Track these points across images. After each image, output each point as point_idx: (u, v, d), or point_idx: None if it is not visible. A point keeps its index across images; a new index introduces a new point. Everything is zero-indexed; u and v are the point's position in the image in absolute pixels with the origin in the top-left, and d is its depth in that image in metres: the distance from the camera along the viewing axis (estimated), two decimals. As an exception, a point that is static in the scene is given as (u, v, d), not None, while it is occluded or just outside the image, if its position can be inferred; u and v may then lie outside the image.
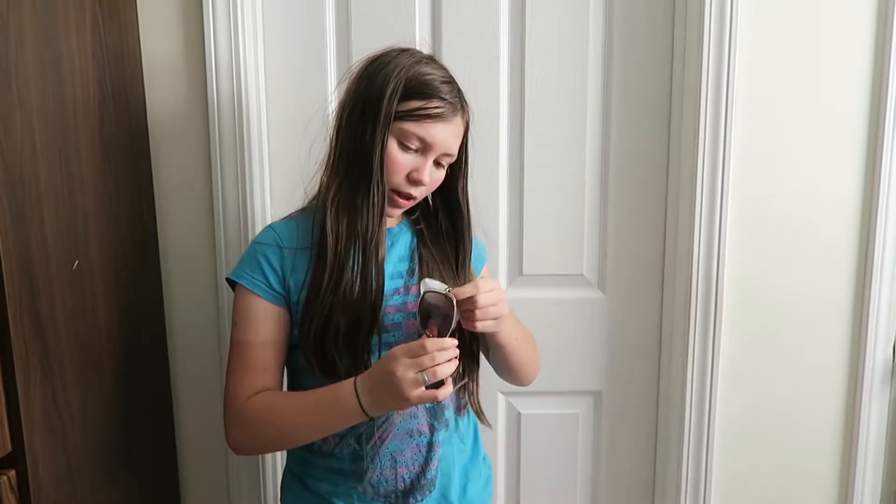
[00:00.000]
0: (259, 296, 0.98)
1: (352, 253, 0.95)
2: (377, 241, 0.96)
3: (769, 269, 1.36)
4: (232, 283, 1.01)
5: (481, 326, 0.94)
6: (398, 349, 0.87)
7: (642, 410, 1.50)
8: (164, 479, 1.36)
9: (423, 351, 0.85)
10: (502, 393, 1.47)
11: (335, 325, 0.95)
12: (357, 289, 0.95)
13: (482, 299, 0.91)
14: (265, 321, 0.98)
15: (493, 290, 0.93)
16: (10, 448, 0.86)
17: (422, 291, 0.92)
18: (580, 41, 1.34)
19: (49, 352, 0.94)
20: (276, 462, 1.41)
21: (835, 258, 1.36)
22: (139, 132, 1.25)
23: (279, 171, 1.35)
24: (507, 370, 1.11)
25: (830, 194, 1.34)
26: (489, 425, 1.14)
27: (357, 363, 0.96)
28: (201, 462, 1.41)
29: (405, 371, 0.85)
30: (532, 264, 1.42)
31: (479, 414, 1.12)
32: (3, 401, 0.85)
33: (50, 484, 0.93)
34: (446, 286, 0.92)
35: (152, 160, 1.29)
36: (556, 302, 1.44)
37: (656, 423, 1.50)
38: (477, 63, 1.34)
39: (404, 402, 0.86)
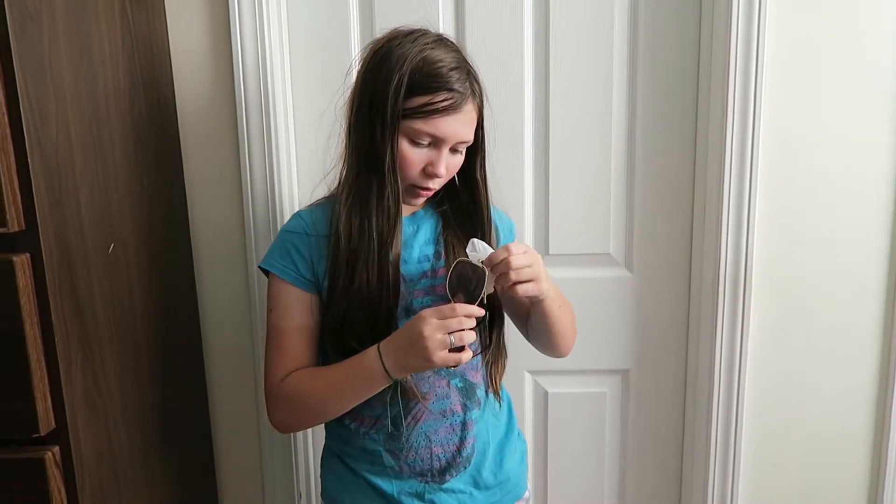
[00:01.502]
0: (290, 283, 0.99)
1: (365, 254, 0.96)
2: (392, 241, 0.96)
3: (799, 244, 1.34)
4: (264, 271, 1.03)
5: (522, 290, 0.92)
6: (427, 311, 0.89)
7: (670, 389, 1.49)
8: (200, 455, 1.40)
9: (454, 313, 0.87)
10: (529, 372, 1.48)
11: (350, 322, 0.97)
12: (373, 290, 0.96)
13: (515, 260, 0.90)
14: (297, 307, 1.00)
15: (525, 251, 0.92)
16: (53, 425, 0.90)
17: (468, 253, 0.93)
18: (605, 14, 1.32)
19: (88, 333, 0.97)
20: (307, 436, 1.45)
21: (867, 232, 1.33)
22: (168, 118, 1.27)
23: (306, 154, 1.36)
24: (547, 340, 1.09)
25: (862, 169, 1.31)
26: (499, 402, 1.14)
27: None
28: (235, 437, 1.45)
29: (433, 332, 0.86)
30: (558, 244, 1.42)
31: (496, 393, 1.12)
32: (47, 380, 0.88)
33: (92, 460, 0.97)
34: (480, 256, 0.92)
35: (182, 145, 1.31)
36: (583, 281, 1.43)
37: (684, 402, 1.50)
38: (500, 39, 1.33)
39: (427, 362, 0.88)
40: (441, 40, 0.96)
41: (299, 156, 1.36)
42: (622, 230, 1.42)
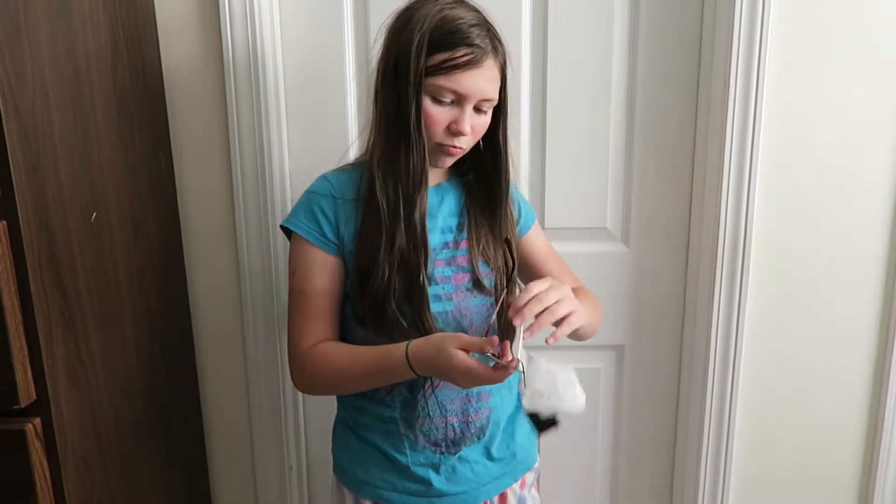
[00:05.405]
0: (314, 245, 0.99)
1: (401, 214, 0.96)
2: (417, 198, 0.97)
3: (799, 222, 1.32)
4: (287, 231, 1.02)
5: (568, 327, 0.94)
6: (460, 361, 0.88)
7: (665, 365, 1.48)
8: (189, 428, 1.39)
9: (486, 373, 0.90)
10: (523, 346, 1.46)
11: (392, 287, 0.97)
12: (405, 251, 0.97)
13: (532, 308, 0.91)
14: (321, 270, 1.00)
15: (549, 287, 0.91)
16: (34, 397, 0.88)
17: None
18: (607, -17, 1.28)
19: (70, 303, 0.94)
20: (297, 408, 1.44)
21: (868, 212, 1.31)
22: (154, 82, 1.23)
23: (296, 119, 1.33)
24: (576, 336, 1.10)
25: (865, 148, 1.28)
26: (524, 385, 1.13)
27: (417, 319, 0.98)
28: (225, 410, 1.44)
29: (469, 383, 0.90)
30: (554, 217, 1.39)
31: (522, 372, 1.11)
32: (26, 351, 0.86)
33: (75, 432, 0.95)
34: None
35: (168, 110, 1.27)
36: (579, 256, 1.40)
37: (679, 378, 1.49)
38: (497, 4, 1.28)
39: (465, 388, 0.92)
40: (461, 1, 0.97)
41: (289, 121, 1.33)
42: (619, 204, 1.40)
